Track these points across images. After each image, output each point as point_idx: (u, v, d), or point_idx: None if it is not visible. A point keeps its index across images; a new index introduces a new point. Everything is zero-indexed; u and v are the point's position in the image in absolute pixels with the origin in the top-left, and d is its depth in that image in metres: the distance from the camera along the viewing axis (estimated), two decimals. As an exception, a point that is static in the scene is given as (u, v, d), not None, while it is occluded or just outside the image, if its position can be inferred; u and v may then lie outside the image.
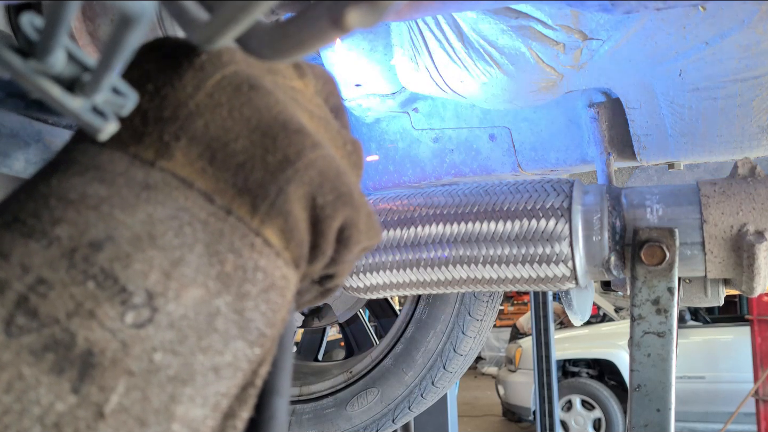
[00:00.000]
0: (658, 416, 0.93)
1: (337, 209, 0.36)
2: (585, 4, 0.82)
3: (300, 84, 0.40)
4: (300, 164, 0.34)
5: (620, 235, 0.99)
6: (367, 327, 2.91)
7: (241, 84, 0.35)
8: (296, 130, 0.35)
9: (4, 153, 0.68)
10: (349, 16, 0.26)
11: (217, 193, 0.33)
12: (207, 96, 0.34)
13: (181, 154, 0.33)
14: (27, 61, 0.28)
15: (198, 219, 0.32)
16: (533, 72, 1.11)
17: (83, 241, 0.29)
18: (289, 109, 0.36)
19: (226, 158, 0.33)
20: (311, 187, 0.34)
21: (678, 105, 1.13)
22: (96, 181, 0.31)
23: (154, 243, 0.30)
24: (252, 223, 0.33)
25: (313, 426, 1.97)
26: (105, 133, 0.31)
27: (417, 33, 1.14)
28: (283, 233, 0.34)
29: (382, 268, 1.11)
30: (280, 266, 0.34)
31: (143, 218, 0.30)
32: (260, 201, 0.33)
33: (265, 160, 0.34)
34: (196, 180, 0.33)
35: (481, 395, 9.06)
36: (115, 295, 0.29)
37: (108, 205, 0.30)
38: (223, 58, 0.35)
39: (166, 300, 0.30)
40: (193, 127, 0.33)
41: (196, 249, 0.31)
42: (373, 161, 1.49)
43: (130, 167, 0.32)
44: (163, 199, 0.31)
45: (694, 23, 0.97)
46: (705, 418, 5.94)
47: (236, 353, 0.31)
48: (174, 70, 0.35)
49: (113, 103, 0.31)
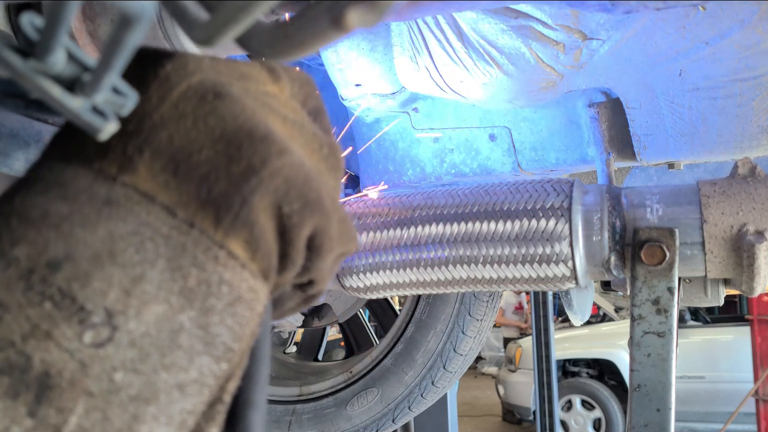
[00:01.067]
0: (658, 416, 0.93)
1: (305, 217, 0.35)
2: (585, 4, 0.82)
3: (274, 88, 0.40)
4: (265, 173, 0.33)
5: (620, 234, 0.99)
6: (367, 327, 2.91)
7: (206, 93, 0.34)
8: (262, 137, 0.34)
9: (4, 153, 0.68)
10: (350, 16, 0.26)
11: (180, 207, 0.32)
12: (172, 107, 0.34)
13: (144, 168, 0.32)
14: (27, 61, 0.28)
15: (160, 233, 0.31)
16: (533, 72, 1.11)
17: (41, 261, 0.29)
18: (256, 116, 0.35)
19: (190, 170, 0.33)
20: (276, 195, 0.34)
21: (678, 105, 1.13)
22: (58, 198, 0.31)
23: (114, 260, 0.30)
24: (215, 236, 0.32)
25: (313, 426, 1.97)
26: (105, 133, 0.31)
27: (417, 33, 1.14)
28: (249, 244, 0.33)
29: (382, 268, 1.11)
30: (246, 278, 0.33)
31: (103, 235, 0.30)
32: (224, 213, 0.32)
33: (228, 171, 0.33)
34: (158, 194, 0.32)
35: (481, 395, 9.06)
36: (72, 314, 0.28)
37: (69, 223, 0.30)
38: (188, 67, 0.35)
39: (127, 318, 0.29)
40: (156, 139, 0.33)
41: (157, 264, 0.31)
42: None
43: (93, 183, 0.32)
44: (125, 215, 0.31)
45: (694, 23, 0.97)
46: (705, 418, 5.94)
47: (202, 369, 0.31)
48: (139, 81, 0.34)
49: (113, 102, 0.31)
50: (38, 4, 0.71)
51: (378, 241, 1.11)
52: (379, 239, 1.11)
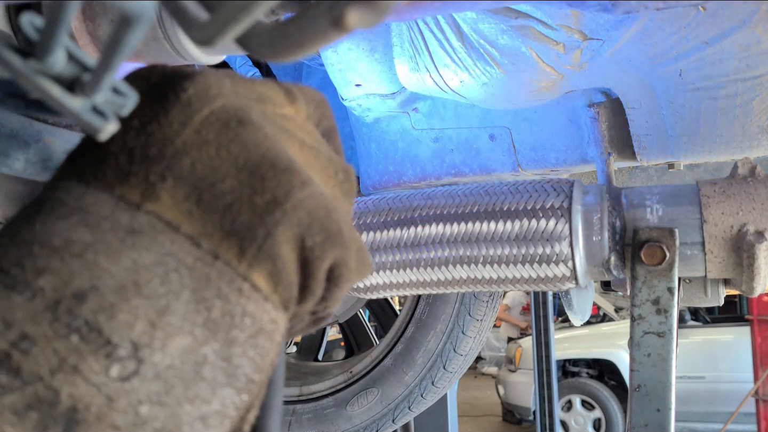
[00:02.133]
0: (658, 416, 0.93)
1: (327, 250, 0.35)
2: (585, 4, 0.82)
3: (291, 110, 0.39)
4: (288, 205, 0.33)
5: (620, 235, 0.99)
6: (367, 327, 2.91)
7: (230, 120, 0.34)
8: (285, 168, 0.34)
9: (4, 153, 0.68)
10: (349, 16, 0.26)
11: (204, 237, 0.32)
12: (194, 133, 0.33)
13: (168, 196, 0.32)
14: (27, 61, 0.28)
15: (184, 264, 0.31)
16: (533, 72, 1.11)
17: (67, 292, 0.29)
18: (278, 145, 0.35)
19: (213, 199, 0.32)
20: (300, 228, 0.34)
21: (678, 105, 1.13)
22: (81, 225, 0.31)
23: (139, 291, 0.30)
24: (239, 268, 0.32)
25: (313, 426, 1.97)
26: (105, 133, 0.31)
27: (417, 33, 1.14)
28: (272, 277, 0.33)
29: (382, 268, 1.11)
30: (268, 310, 0.33)
31: (128, 265, 0.30)
32: (248, 244, 0.32)
33: (252, 201, 0.33)
34: (182, 223, 0.32)
35: (481, 395, 9.06)
36: (99, 348, 0.28)
37: (92, 252, 0.30)
38: (210, 91, 0.34)
39: (152, 350, 0.29)
40: (179, 166, 0.32)
41: (182, 296, 0.30)
42: (374, 161, 1.49)
43: (116, 210, 0.31)
44: (149, 244, 0.31)
45: (695, 23, 0.97)
46: (705, 418, 5.94)
47: (224, 401, 0.31)
48: (160, 104, 0.34)
49: (113, 102, 0.31)
50: (38, 4, 0.71)
51: (378, 241, 1.11)
52: (379, 239, 1.11)
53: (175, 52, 0.76)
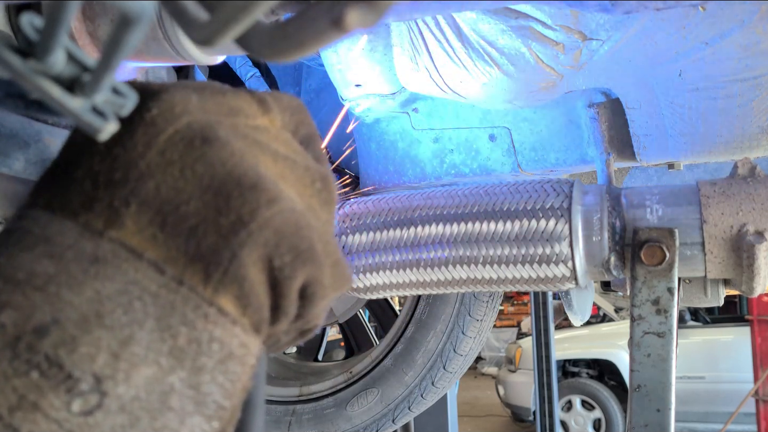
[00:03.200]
0: (658, 416, 0.93)
1: (297, 269, 0.34)
2: (585, 5, 0.82)
3: (264, 121, 0.38)
4: (254, 225, 0.32)
5: (620, 235, 0.99)
6: (367, 327, 2.91)
7: (194, 138, 0.33)
8: (251, 185, 0.33)
9: (4, 153, 0.68)
10: (349, 16, 0.26)
11: (169, 262, 0.31)
12: (158, 154, 0.32)
13: (131, 222, 0.31)
14: (27, 61, 0.28)
15: (148, 292, 0.31)
16: (533, 72, 1.11)
17: (28, 327, 0.28)
18: (245, 161, 0.34)
19: (178, 222, 0.32)
20: (267, 248, 0.33)
21: (678, 105, 1.13)
22: (45, 256, 0.30)
23: (101, 322, 0.29)
24: (205, 293, 0.31)
25: (313, 426, 1.97)
26: (105, 133, 0.30)
27: (417, 33, 1.14)
28: (239, 300, 0.32)
29: (382, 268, 1.11)
30: (237, 334, 0.32)
31: (91, 296, 0.29)
32: (213, 268, 0.32)
33: (217, 223, 0.32)
34: (146, 249, 0.31)
35: (481, 395, 9.06)
36: (60, 383, 0.28)
37: (55, 284, 0.29)
38: (175, 109, 0.34)
39: (116, 382, 0.28)
40: (143, 190, 0.32)
41: (146, 325, 0.30)
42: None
43: (80, 239, 0.31)
44: (112, 273, 0.30)
45: (694, 23, 0.97)
46: (705, 418, 5.94)
47: (193, 429, 0.31)
48: (125, 126, 0.33)
49: (113, 103, 0.31)
50: (38, 5, 0.71)
51: (378, 242, 1.11)
52: (379, 239, 1.11)
53: (175, 52, 0.76)
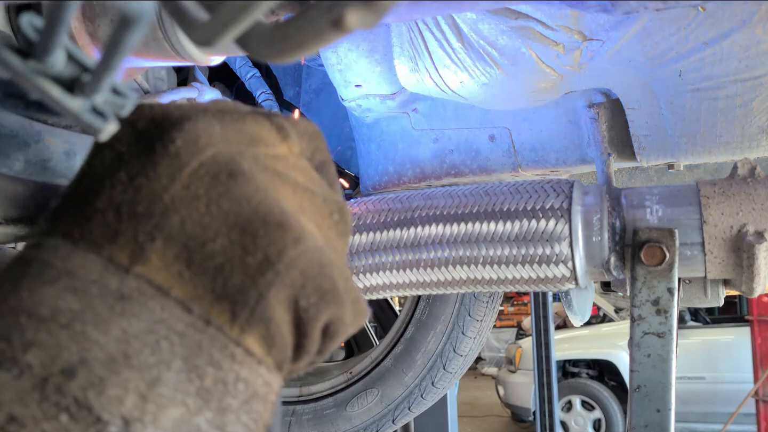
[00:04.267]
0: (658, 417, 0.93)
1: (321, 310, 0.34)
2: (585, 5, 0.82)
3: (283, 148, 0.38)
4: (281, 265, 0.32)
5: (620, 235, 0.99)
6: (367, 327, 2.91)
7: (220, 172, 0.33)
8: (277, 224, 0.33)
9: (4, 153, 0.68)
10: (349, 17, 0.26)
11: (195, 301, 0.31)
12: (183, 188, 0.32)
13: (157, 257, 0.31)
14: (27, 62, 0.28)
15: (175, 331, 0.30)
16: (533, 72, 1.11)
17: (55, 368, 0.28)
18: (270, 197, 0.34)
19: (204, 260, 0.31)
20: (293, 289, 0.33)
21: (678, 105, 1.13)
22: (68, 291, 0.30)
23: (129, 363, 0.29)
24: (232, 333, 0.31)
25: (313, 426, 1.97)
26: (105, 134, 0.30)
27: (417, 34, 1.14)
28: (265, 340, 0.32)
29: (382, 268, 1.11)
30: (262, 373, 0.32)
31: (118, 335, 0.29)
32: (240, 308, 0.31)
33: (244, 262, 0.32)
34: (172, 287, 0.31)
35: (481, 395, 9.06)
36: (89, 426, 0.27)
37: (81, 321, 0.29)
38: (200, 141, 0.33)
39: (144, 425, 0.28)
40: (168, 224, 0.31)
41: (173, 365, 0.30)
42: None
43: (104, 273, 0.30)
44: (139, 311, 0.30)
45: (694, 24, 0.97)
46: (705, 418, 5.94)
47: None
48: (148, 156, 0.32)
49: (113, 103, 0.31)
50: (38, 5, 0.71)
51: (378, 242, 1.11)
52: (378, 240, 1.11)
53: (175, 53, 0.76)
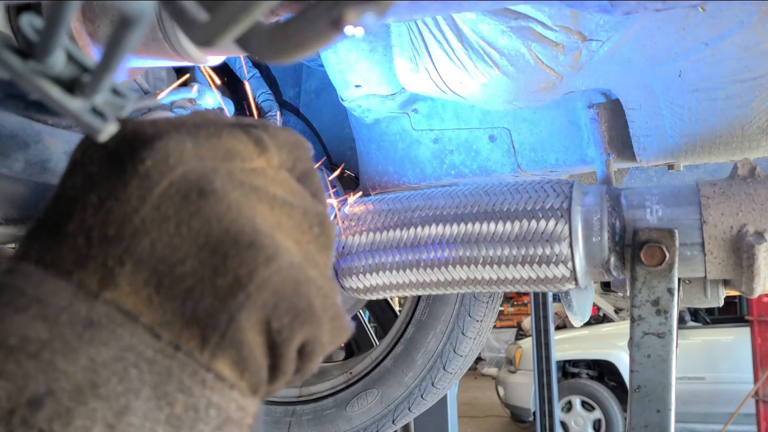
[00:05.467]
0: (658, 417, 0.93)
1: (296, 330, 0.33)
2: (584, 5, 0.82)
3: (261, 162, 0.37)
4: (252, 287, 0.32)
5: (620, 235, 0.99)
6: (367, 328, 2.91)
7: (190, 191, 0.32)
8: (249, 243, 0.32)
9: (4, 154, 0.68)
10: (349, 17, 0.26)
11: (164, 327, 0.31)
12: (153, 209, 0.31)
13: (126, 282, 0.31)
14: (26, 62, 0.28)
15: (144, 358, 0.30)
16: (533, 73, 1.11)
17: (22, 399, 0.27)
18: (242, 215, 0.33)
19: (174, 283, 0.31)
20: (265, 310, 0.32)
21: (677, 106, 1.13)
22: (38, 320, 0.29)
23: (97, 392, 0.28)
24: (202, 358, 0.31)
25: (313, 427, 1.97)
26: (105, 134, 0.30)
27: (417, 34, 1.14)
28: (237, 364, 0.32)
29: (382, 269, 1.11)
30: (235, 398, 0.32)
31: (86, 364, 0.29)
32: (210, 332, 0.31)
33: (214, 284, 0.31)
34: (141, 312, 0.31)
35: (481, 396, 9.06)
36: None
37: (49, 351, 0.28)
38: (170, 160, 0.32)
39: None
40: (138, 248, 0.31)
41: (142, 393, 0.29)
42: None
43: (74, 300, 0.30)
44: (107, 339, 0.29)
45: (694, 24, 0.97)
46: (705, 418, 5.94)
47: None
48: (118, 177, 0.32)
49: (113, 103, 0.31)
50: (38, 5, 0.71)
51: (378, 242, 1.11)
52: (379, 240, 1.11)
53: (175, 53, 0.76)
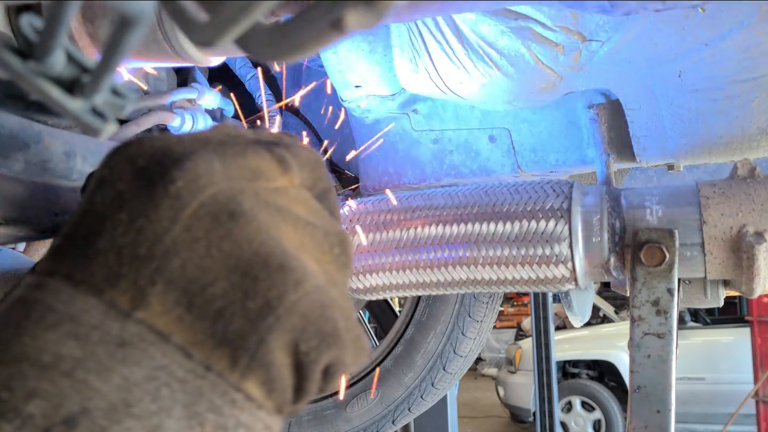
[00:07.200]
0: (658, 417, 0.93)
1: (322, 352, 0.34)
2: (584, 6, 0.82)
3: (284, 181, 0.38)
4: (281, 310, 0.32)
5: (620, 236, 0.99)
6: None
7: (220, 213, 0.33)
8: (278, 266, 0.33)
9: (4, 154, 0.68)
10: (348, 17, 0.26)
11: (196, 347, 0.31)
12: (184, 230, 0.32)
13: (158, 302, 0.31)
14: (26, 62, 0.28)
15: (176, 378, 0.30)
16: (533, 73, 1.11)
17: (57, 417, 0.28)
18: (271, 237, 0.34)
19: (204, 304, 0.32)
20: (294, 333, 0.33)
21: (677, 106, 1.13)
22: (70, 338, 0.30)
23: (130, 412, 0.29)
24: (232, 378, 0.32)
25: (313, 427, 1.97)
26: (105, 134, 0.31)
27: (416, 34, 1.14)
28: (265, 384, 0.33)
29: (383, 269, 1.11)
30: (262, 417, 0.33)
31: (119, 383, 0.29)
32: (240, 353, 0.32)
33: (245, 307, 0.32)
34: (173, 332, 0.31)
35: (481, 396, 9.06)
36: None
37: (83, 369, 0.29)
38: (200, 181, 0.33)
39: None
40: (169, 268, 0.31)
41: (174, 412, 0.30)
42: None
43: (105, 318, 0.31)
44: (139, 358, 0.30)
45: (694, 24, 0.97)
46: (705, 419, 5.94)
47: None
48: (149, 197, 0.32)
49: (113, 104, 0.31)
50: (38, 5, 0.71)
51: (378, 243, 1.11)
52: (378, 240, 1.11)
53: (175, 53, 0.76)
